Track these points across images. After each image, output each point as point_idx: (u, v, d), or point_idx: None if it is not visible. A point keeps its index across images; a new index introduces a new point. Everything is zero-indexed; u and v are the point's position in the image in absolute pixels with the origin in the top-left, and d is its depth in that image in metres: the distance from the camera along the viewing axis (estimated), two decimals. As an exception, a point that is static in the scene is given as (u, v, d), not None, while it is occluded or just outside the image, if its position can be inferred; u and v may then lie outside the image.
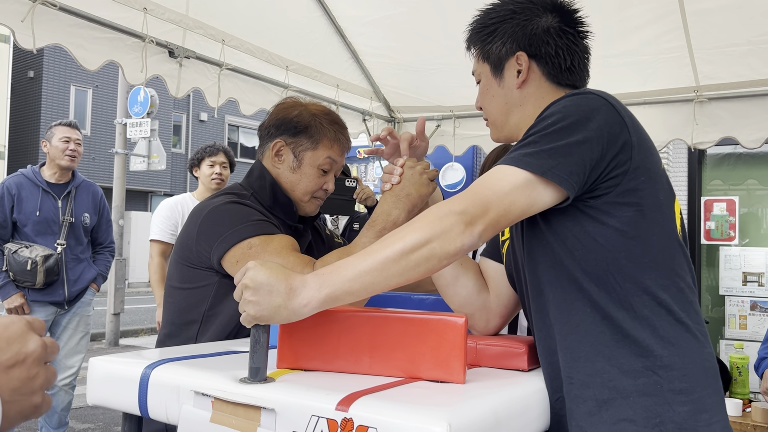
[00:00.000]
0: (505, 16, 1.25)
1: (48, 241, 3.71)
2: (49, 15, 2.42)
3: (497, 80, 1.28)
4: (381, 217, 1.42)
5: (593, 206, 1.08)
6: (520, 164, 1.04)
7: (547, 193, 1.05)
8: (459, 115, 4.16)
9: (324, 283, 1.00)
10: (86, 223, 3.92)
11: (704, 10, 2.88)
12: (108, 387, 1.14)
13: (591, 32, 1.27)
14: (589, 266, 1.09)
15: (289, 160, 1.67)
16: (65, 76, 18.82)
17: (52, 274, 3.64)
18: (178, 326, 1.59)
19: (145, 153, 10.28)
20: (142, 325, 10.76)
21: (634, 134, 1.09)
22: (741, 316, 4.44)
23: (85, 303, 3.91)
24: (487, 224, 1.02)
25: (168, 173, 20.81)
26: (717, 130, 3.42)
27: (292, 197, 1.68)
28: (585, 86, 1.28)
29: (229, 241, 1.48)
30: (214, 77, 3.13)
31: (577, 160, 1.04)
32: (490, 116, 1.32)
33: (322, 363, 1.10)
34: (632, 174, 1.07)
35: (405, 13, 3.31)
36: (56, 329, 3.83)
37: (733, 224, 4.54)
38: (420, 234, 1.00)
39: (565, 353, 1.12)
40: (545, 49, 1.22)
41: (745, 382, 2.96)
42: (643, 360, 1.06)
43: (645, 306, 1.07)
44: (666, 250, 1.10)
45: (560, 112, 1.08)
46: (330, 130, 1.68)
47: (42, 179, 3.79)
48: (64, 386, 3.81)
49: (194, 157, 4.06)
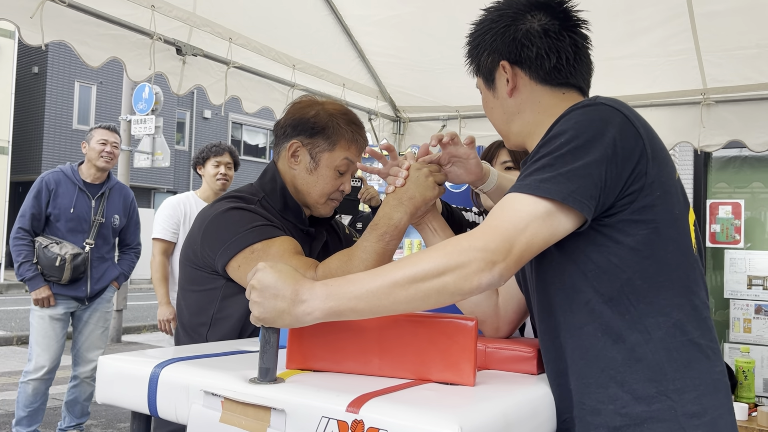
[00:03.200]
0: (486, 27, 1.24)
1: (78, 239, 3.85)
2: (56, 11, 2.42)
3: (492, 92, 1.27)
4: (383, 220, 1.39)
5: (608, 225, 1.05)
6: (537, 192, 1.00)
7: (568, 219, 1.01)
8: (465, 115, 4.15)
9: (330, 294, 0.98)
10: (116, 224, 4.06)
11: (713, 12, 2.87)
12: (117, 386, 1.13)
13: (583, 22, 1.22)
14: (603, 287, 1.05)
15: (305, 161, 1.64)
16: (70, 72, 18.84)
17: (78, 271, 3.78)
18: (191, 329, 1.59)
19: (149, 150, 10.29)
20: (145, 322, 10.77)
21: (648, 145, 1.06)
22: (746, 320, 4.42)
23: (105, 299, 4.05)
24: (509, 262, 0.97)
25: (171, 170, 20.83)
26: (724, 133, 3.41)
27: (308, 199, 1.66)
28: (584, 83, 1.24)
29: (233, 249, 1.48)
30: (218, 75, 3.13)
31: (596, 182, 1.00)
32: (496, 127, 1.32)
33: (331, 364, 1.09)
34: (648, 189, 1.04)
35: (412, 12, 3.31)
36: (78, 323, 3.98)
37: (738, 227, 4.52)
38: (434, 263, 0.97)
39: (576, 378, 1.09)
40: (525, 53, 1.19)
41: (750, 386, 2.96)
42: (656, 384, 1.03)
43: (659, 327, 1.04)
44: (681, 267, 1.07)
45: (573, 129, 1.04)
46: (347, 130, 1.65)
47: (79, 178, 3.92)
48: (86, 378, 3.98)
49: (199, 155, 4.06)
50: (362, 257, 1.40)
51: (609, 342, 1.05)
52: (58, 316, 3.79)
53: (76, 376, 3.98)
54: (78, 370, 3.98)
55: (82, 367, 3.97)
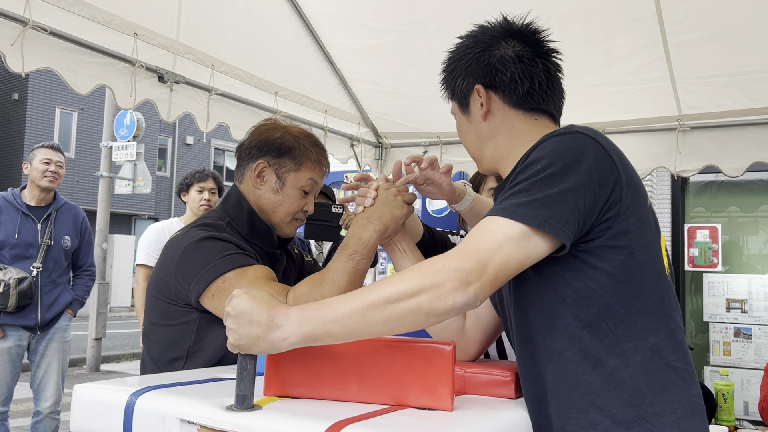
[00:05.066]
0: (461, 53, 1.28)
1: (25, 265, 3.67)
2: (40, 39, 2.42)
3: (466, 116, 1.30)
4: (352, 239, 1.41)
5: (585, 250, 1.06)
6: (514, 216, 1.01)
7: (543, 243, 1.02)
8: (446, 141, 4.19)
9: (306, 319, 0.98)
10: (67, 245, 3.88)
11: (686, 41, 2.95)
12: (92, 414, 1.12)
13: (555, 51, 1.26)
14: (581, 313, 1.07)
15: (271, 181, 1.66)
16: (50, 99, 18.75)
17: (25, 297, 3.59)
18: (163, 364, 1.57)
19: (130, 176, 10.25)
20: (124, 350, 10.60)
21: (623, 172, 1.08)
22: (725, 343, 4.46)
23: (61, 329, 3.85)
24: (484, 282, 0.98)
25: (153, 196, 20.69)
26: (699, 158, 3.48)
27: (273, 219, 1.68)
28: (555, 109, 1.27)
29: (205, 280, 1.47)
30: (204, 102, 3.14)
31: (572, 209, 1.02)
32: (469, 152, 1.34)
33: (309, 390, 1.09)
34: (623, 216, 1.06)
35: (393, 41, 3.35)
36: (34, 357, 3.78)
37: (716, 251, 4.59)
38: (408, 284, 0.97)
39: (556, 403, 1.09)
40: (500, 77, 1.22)
41: (730, 409, 2.97)
42: (635, 408, 1.04)
43: (637, 352, 1.05)
44: (656, 291, 1.09)
45: (549, 156, 1.06)
46: (313, 152, 1.69)
47: (22, 202, 3.76)
48: (49, 414, 3.78)
49: (183, 181, 4.05)
50: (333, 278, 1.41)
51: (589, 367, 1.06)
52: (8, 348, 3.59)
53: (38, 412, 3.79)
54: (40, 405, 3.78)
55: (44, 402, 3.77)
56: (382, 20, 3.23)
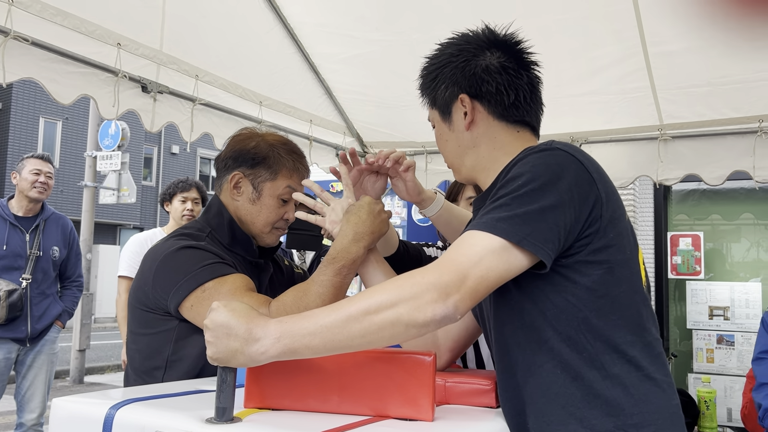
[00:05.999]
0: (444, 60, 1.26)
1: (13, 276, 3.64)
2: (21, 49, 2.41)
3: (447, 125, 1.29)
4: (341, 254, 1.38)
5: (565, 265, 1.07)
6: (494, 231, 1.02)
7: (523, 258, 1.02)
8: (431, 150, 4.21)
9: (285, 333, 0.98)
10: (55, 256, 3.86)
11: (666, 52, 2.99)
12: (71, 428, 1.11)
13: (538, 63, 1.26)
14: (561, 326, 1.07)
15: (248, 191, 1.66)
16: (34, 108, 18.63)
17: (15, 309, 3.55)
18: (144, 373, 1.56)
19: (114, 186, 10.18)
20: (109, 362, 10.49)
21: (602, 189, 1.09)
22: (708, 350, 4.50)
23: (49, 341, 3.83)
24: (463, 294, 0.98)
25: (138, 206, 20.57)
26: (681, 167, 3.51)
27: (252, 229, 1.67)
28: (536, 122, 1.28)
29: (185, 289, 1.47)
30: (189, 112, 3.13)
31: (551, 227, 1.02)
32: (448, 160, 1.34)
33: (290, 402, 1.09)
34: (602, 232, 1.07)
35: (377, 51, 3.37)
36: (21, 368, 3.75)
37: (699, 259, 4.63)
38: (387, 296, 0.98)
39: (535, 416, 1.10)
40: (486, 87, 1.22)
41: (713, 416, 2.99)
42: (614, 419, 1.05)
43: (615, 364, 1.06)
44: (633, 305, 1.10)
45: (529, 172, 1.06)
46: (288, 159, 1.67)
47: (9, 213, 3.74)
48: (33, 426, 3.75)
49: (166, 191, 4.03)
50: (318, 291, 1.40)
51: (568, 379, 1.07)
52: None
53: (22, 423, 3.75)
54: (24, 417, 3.75)
55: (28, 414, 3.75)
56: (366, 30, 3.25)
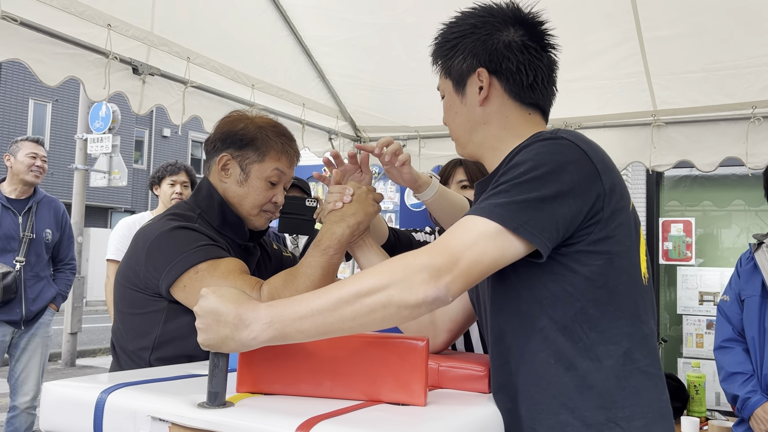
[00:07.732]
0: (466, 31, 1.21)
1: (7, 258, 3.64)
2: (9, 30, 2.37)
3: (460, 97, 1.24)
4: (326, 235, 1.41)
5: (565, 254, 1.06)
6: (491, 216, 1.00)
7: (519, 244, 1.01)
8: (424, 135, 4.20)
9: (275, 317, 0.97)
10: (48, 239, 3.85)
11: (660, 37, 2.98)
12: (62, 412, 1.10)
13: (558, 45, 1.23)
14: (557, 315, 1.07)
15: (236, 173, 1.65)
16: (24, 90, 18.44)
17: (9, 291, 3.55)
18: (132, 353, 1.55)
19: (105, 169, 10.11)
20: (100, 345, 10.49)
21: (606, 181, 1.07)
22: (698, 335, 4.54)
23: (44, 324, 3.84)
24: (456, 275, 0.97)
25: (129, 189, 20.47)
26: (674, 153, 3.52)
27: (240, 211, 1.66)
28: (550, 105, 1.25)
29: (177, 270, 1.46)
30: (178, 94, 3.10)
31: (548, 216, 1.01)
32: (454, 133, 1.29)
33: (282, 386, 1.09)
34: (604, 223, 1.06)
35: (371, 34, 3.34)
36: (15, 351, 3.76)
37: (690, 245, 4.66)
38: (378, 278, 0.97)
39: (527, 404, 1.09)
40: (506, 64, 1.18)
41: (702, 400, 3.02)
42: (606, 411, 1.05)
43: (610, 356, 1.06)
44: (631, 297, 1.09)
45: (533, 160, 1.04)
46: (277, 142, 1.66)
47: (2, 195, 3.72)
48: (26, 408, 3.76)
49: (155, 175, 4.01)
50: (307, 272, 1.41)
51: (562, 369, 1.06)
52: None
53: (15, 406, 3.76)
54: (17, 400, 3.75)
55: (21, 397, 3.75)
56: (359, 13, 3.22)
